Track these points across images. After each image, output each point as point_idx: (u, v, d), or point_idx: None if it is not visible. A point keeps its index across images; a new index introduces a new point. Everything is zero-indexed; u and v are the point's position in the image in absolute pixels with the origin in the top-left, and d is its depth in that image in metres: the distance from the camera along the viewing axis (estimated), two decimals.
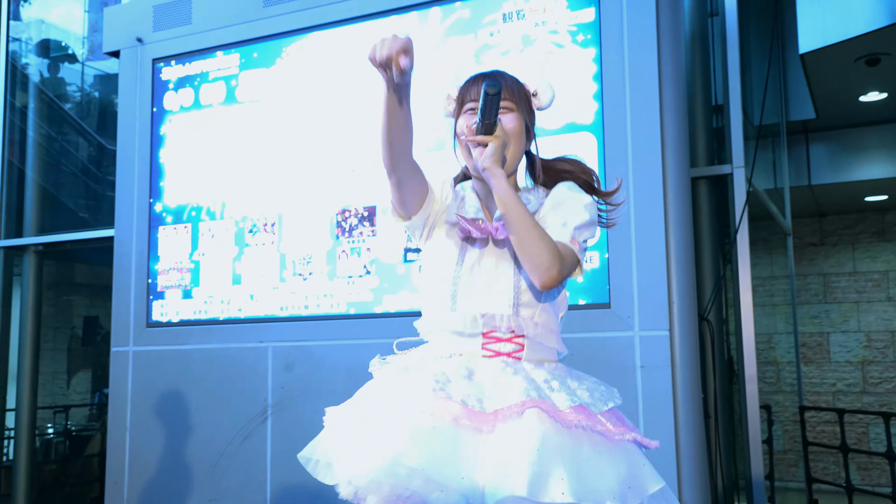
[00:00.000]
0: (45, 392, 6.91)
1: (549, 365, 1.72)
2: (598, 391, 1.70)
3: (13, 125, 6.18)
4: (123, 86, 5.08)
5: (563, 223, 1.68)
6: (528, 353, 1.69)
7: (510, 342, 1.67)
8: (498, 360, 1.66)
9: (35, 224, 6.15)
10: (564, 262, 1.63)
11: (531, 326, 1.68)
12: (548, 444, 1.49)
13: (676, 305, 3.73)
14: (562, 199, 1.73)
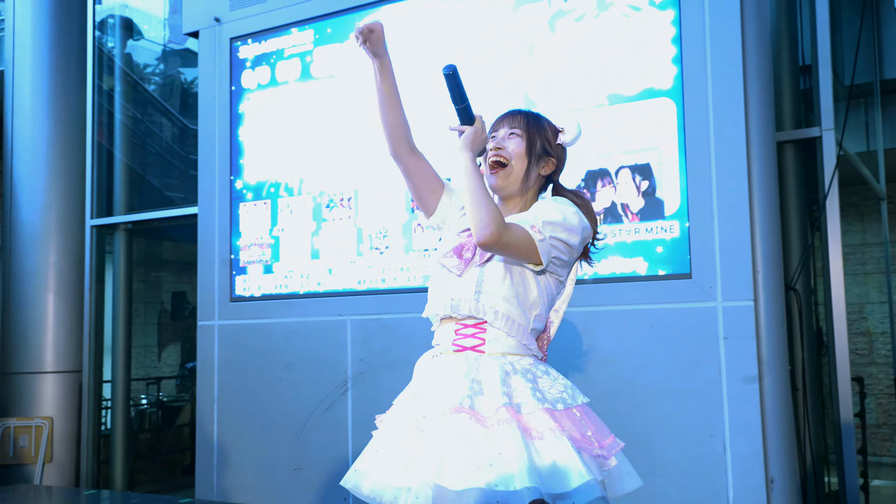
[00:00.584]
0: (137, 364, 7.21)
1: (510, 358, 1.84)
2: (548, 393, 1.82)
3: (101, 108, 6.40)
4: (203, 65, 5.19)
5: (534, 215, 1.86)
6: (491, 346, 1.84)
7: (474, 337, 1.85)
8: (462, 356, 1.84)
9: (124, 203, 6.38)
10: (507, 231, 1.77)
11: (491, 314, 1.83)
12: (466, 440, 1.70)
13: (762, 275, 3.61)
14: (548, 204, 1.93)
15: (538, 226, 1.82)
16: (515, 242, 1.79)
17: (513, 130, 1.98)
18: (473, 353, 1.84)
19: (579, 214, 1.91)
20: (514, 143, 1.96)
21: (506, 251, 1.80)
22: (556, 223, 1.84)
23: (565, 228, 1.85)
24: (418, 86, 4.41)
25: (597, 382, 3.86)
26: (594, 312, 3.90)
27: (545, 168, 2.00)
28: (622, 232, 3.85)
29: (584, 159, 3.96)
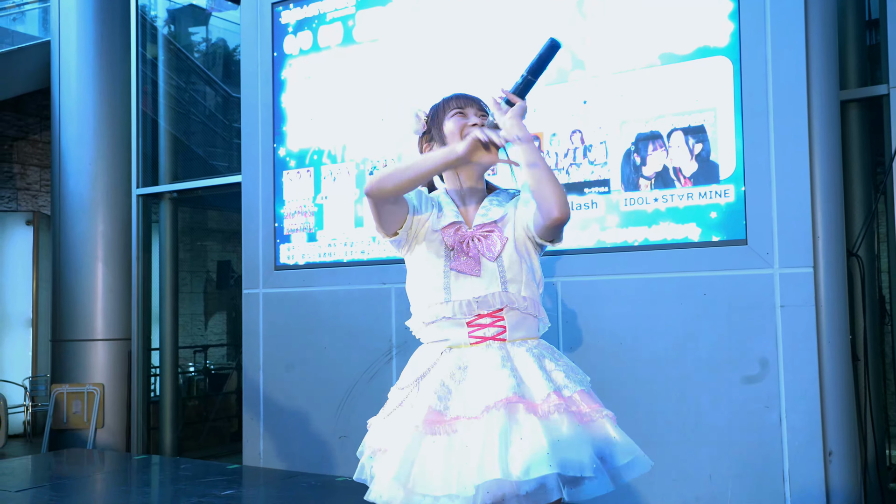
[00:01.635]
0: (184, 333, 7.29)
1: (531, 343, 1.89)
2: (572, 374, 1.87)
3: (145, 77, 6.41)
4: (245, 31, 5.14)
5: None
6: (511, 333, 1.86)
7: (493, 326, 1.86)
8: (483, 346, 1.85)
9: (169, 172, 6.41)
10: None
11: (520, 300, 1.87)
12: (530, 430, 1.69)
13: (822, 240, 3.46)
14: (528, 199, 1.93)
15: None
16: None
17: (480, 113, 2.00)
18: (496, 342, 1.86)
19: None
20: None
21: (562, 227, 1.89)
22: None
23: None
24: (458, 50, 4.30)
25: (647, 352, 3.77)
26: (645, 280, 3.79)
27: None
28: (674, 197, 3.72)
29: (634, 122, 3.83)
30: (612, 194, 3.87)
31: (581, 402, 1.80)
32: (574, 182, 3.97)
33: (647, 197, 3.79)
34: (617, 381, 3.82)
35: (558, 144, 4.03)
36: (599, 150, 3.92)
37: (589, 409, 1.79)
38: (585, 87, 3.97)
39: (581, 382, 1.86)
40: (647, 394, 3.75)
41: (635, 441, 1.87)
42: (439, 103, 2.07)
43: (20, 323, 8.05)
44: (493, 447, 1.66)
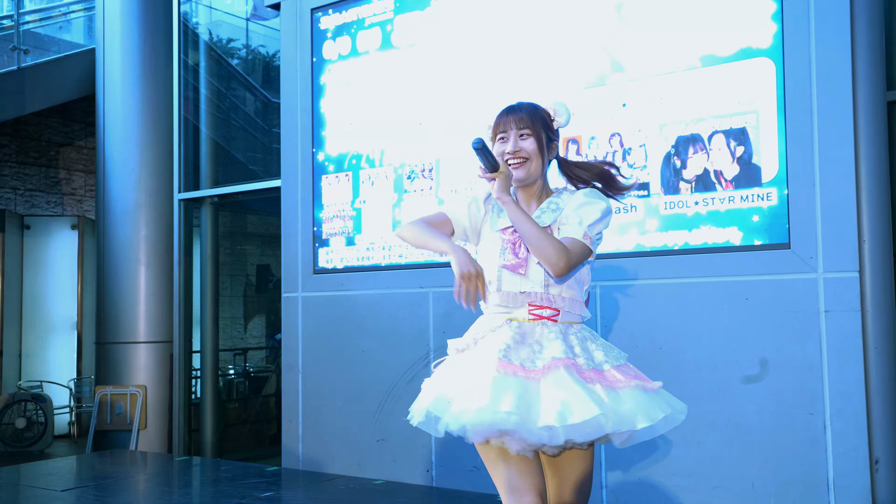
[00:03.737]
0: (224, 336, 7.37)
1: (575, 327, 2.18)
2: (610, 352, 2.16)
3: (187, 83, 6.51)
4: (285, 37, 5.20)
5: (579, 221, 2.14)
6: (562, 316, 2.17)
7: (549, 308, 2.16)
8: (540, 323, 2.15)
9: (210, 177, 6.50)
10: (572, 256, 2.08)
11: (560, 300, 2.16)
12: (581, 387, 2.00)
13: (868, 244, 3.40)
14: (580, 203, 2.19)
15: (588, 232, 2.12)
16: (578, 258, 2.10)
17: (522, 132, 2.22)
18: (550, 322, 2.15)
19: (606, 199, 2.22)
20: (528, 143, 2.21)
21: (574, 268, 2.12)
22: (598, 222, 2.15)
23: (604, 220, 2.17)
24: (497, 55, 4.30)
25: (687, 357, 3.72)
26: (685, 284, 3.75)
27: (551, 153, 2.28)
28: (715, 200, 3.68)
29: (674, 125, 3.79)
30: (652, 198, 3.84)
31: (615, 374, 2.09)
32: None
33: (688, 200, 3.75)
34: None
35: (597, 148, 4.00)
36: (639, 153, 3.89)
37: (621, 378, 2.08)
38: (624, 90, 3.94)
39: (617, 358, 2.15)
40: (688, 399, 3.69)
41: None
42: (496, 118, 2.32)
43: (66, 326, 8.22)
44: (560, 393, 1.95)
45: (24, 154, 8.67)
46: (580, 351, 2.10)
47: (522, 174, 2.21)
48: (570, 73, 4.10)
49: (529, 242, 2.09)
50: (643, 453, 3.81)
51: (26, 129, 8.60)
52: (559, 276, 2.08)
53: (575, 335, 2.15)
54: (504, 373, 2.00)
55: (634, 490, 3.83)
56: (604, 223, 2.19)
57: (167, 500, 4.51)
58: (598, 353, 2.13)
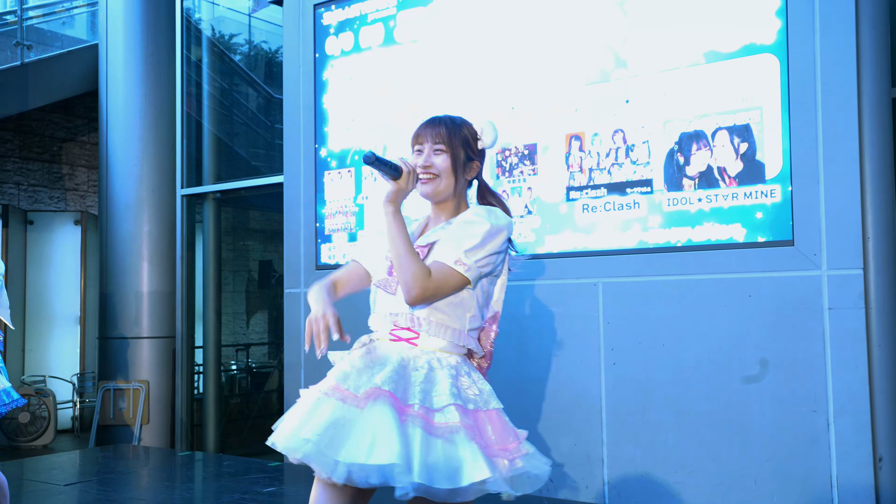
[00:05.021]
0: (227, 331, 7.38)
1: (439, 355, 1.98)
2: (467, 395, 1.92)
3: (189, 79, 6.51)
4: (287, 33, 5.19)
5: (456, 245, 1.96)
6: (423, 340, 1.98)
7: (409, 330, 2.00)
8: (398, 344, 1.99)
9: (212, 173, 6.50)
10: (431, 283, 1.92)
11: (425, 324, 1.97)
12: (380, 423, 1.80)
13: (872, 241, 3.39)
14: (462, 222, 2.03)
15: (461, 258, 1.94)
16: (442, 286, 1.94)
17: (437, 147, 2.09)
18: (407, 345, 1.99)
19: (496, 218, 2.02)
20: (441, 159, 2.08)
21: (437, 297, 1.95)
22: (476, 247, 1.96)
23: (487, 244, 1.97)
24: (499, 51, 4.29)
25: (690, 354, 3.72)
26: (688, 281, 3.74)
27: (470, 173, 2.14)
28: (718, 197, 3.67)
29: (678, 122, 3.78)
30: (655, 194, 3.83)
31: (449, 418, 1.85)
32: (616, 182, 3.93)
33: (691, 197, 3.74)
34: (659, 382, 3.78)
35: (600, 144, 3.99)
36: (642, 150, 3.88)
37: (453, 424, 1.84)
38: (627, 87, 3.93)
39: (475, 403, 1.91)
40: (690, 396, 3.71)
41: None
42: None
43: (68, 320, 8.23)
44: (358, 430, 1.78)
45: (27, 150, 8.67)
46: (418, 383, 1.88)
47: (429, 190, 2.06)
48: (573, 70, 4.09)
49: (394, 259, 1.97)
50: (644, 450, 3.81)
51: (29, 124, 8.60)
52: (411, 303, 1.93)
53: (427, 365, 1.94)
54: (328, 394, 1.87)
55: (636, 487, 3.83)
56: (488, 248, 1.97)
57: (170, 495, 4.51)
58: (442, 393, 1.88)
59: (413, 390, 1.87)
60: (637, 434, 3.84)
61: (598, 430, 3.93)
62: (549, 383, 4.11)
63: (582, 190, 4.03)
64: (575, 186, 4.05)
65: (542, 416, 4.07)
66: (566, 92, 4.10)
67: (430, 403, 1.86)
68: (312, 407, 1.86)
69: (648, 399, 3.82)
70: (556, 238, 4.10)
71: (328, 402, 1.85)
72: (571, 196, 4.06)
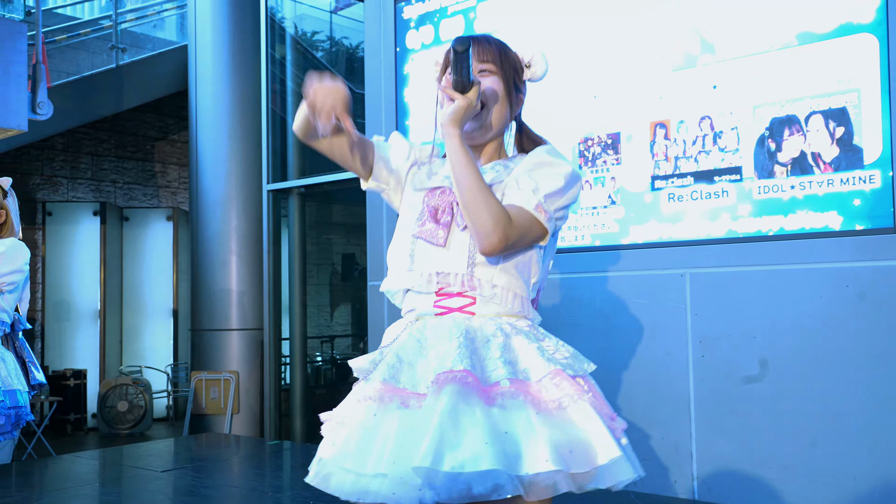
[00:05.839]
0: (312, 324, 7.54)
1: (504, 319, 1.57)
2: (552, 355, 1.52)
3: (274, 76, 6.66)
4: (368, 28, 5.24)
5: (534, 188, 1.58)
6: (481, 307, 1.57)
7: (461, 296, 1.58)
8: (449, 318, 1.57)
9: (297, 168, 6.64)
10: (513, 230, 1.53)
11: (487, 288, 1.57)
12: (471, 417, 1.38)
13: None
14: (540, 163, 1.63)
15: (542, 204, 1.56)
16: (522, 236, 1.55)
17: (484, 66, 1.69)
18: (462, 315, 1.56)
19: (574, 173, 1.65)
20: (491, 82, 1.69)
21: (515, 249, 1.56)
22: (557, 192, 1.59)
23: (566, 191, 1.61)
24: (581, 38, 4.23)
25: (782, 347, 3.60)
26: (780, 271, 3.62)
27: (517, 107, 1.78)
28: (812, 184, 3.53)
29: (768, 107, 3.65)
30: (745, 182, 3.72)
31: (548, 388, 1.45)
32: (703, 170, 3.83)
33: (783, 184, 3.61)
34: (749, 373, 3.67)
35: (686, 132, 3.90)
36: (730, 137, 3.77)
37: (558, 395, 1.44)
38: (715, 72, 3.82)
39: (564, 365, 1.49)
40: (782, 390, 3.59)
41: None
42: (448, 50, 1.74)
43: (162, 313, 8.56)
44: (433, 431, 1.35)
45: (122, 149, 9.04)
46: (497, 357, 1.47)
47: (474, 123, 1.67)
48: (658, 56, 4.00)
49: (463, 197, 1.54)
50: (735, 445, 3.71)
51: (123, 124, 8.96)
52: (489, 252, 1.52)
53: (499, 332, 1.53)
54: (382, 401, 1.47)
55: (727, 482, 3.73)
56: (568, 196, 1.61)
57: (261, 483, 4.64)
58: (533, 361, 1.48)
59: (494, 366, 1.46)
60: (727, 428, 3.74)
61: (687, 424, 3.85)
62: (635, 376, 4.04)
63: (667, 179, 3.94)
64: (660, 175, 3.97)
65: (628, 409, 4.01)
66: (650, 79, 4.02)
67: (525, 376, 1.45)
68: (363, 428, 1.46)
69: (739, 392, 3.71)
70: (640, 228, 4.02)
71: (386, 413, 1.45)
72: (657, 185, 3.98)
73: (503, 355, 1.47)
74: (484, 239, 1.51)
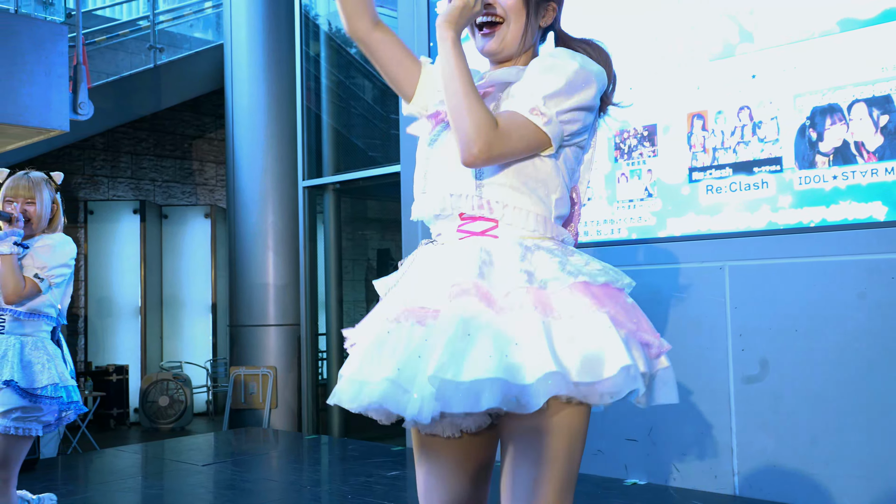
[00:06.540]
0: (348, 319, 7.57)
1: (531, 239, 1.45)
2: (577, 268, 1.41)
3: (308, 73, 6.69)
4: (402, 23, 5.24)
5: (531, 91, 1.44)
6: (504, 230, 1.46)
7: (483, 220, 1.47)
8: (470, 240, 1.47)
9: (332, 164, 6.67)
10: (498, 137, 1.39)
11: (498, 208, 1.45)
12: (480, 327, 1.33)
13: None
14: (544, 66, 1.48)
15: (538, 106, 1.42)
16: (514, 141, 1.41)
17: None
18: (484, 238, 1.46)
19: (584, 60, 1.50)
20: None
21: (505, 157, 1.42)
22: (559, 92, 1.43)
23: (573, 91, 1.45)
24: (620, 29, 4.18)
25: (826, 339, 3.53)
26: (823, 263, 3.55)
27: (545, 18, 1.63)
28: (856, 174, 3.46)
29: (809, 95, 3.58)
30: (785, 173, 3.65)
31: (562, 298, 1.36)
32: (742, 161, 3.77)
33: (825, 174, 3.54)
34: (791, 367, 3.61)
35: (724, 122, 3.84)
36: (770, 127, 3.70)
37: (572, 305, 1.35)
38: (753, 61, 3.75)
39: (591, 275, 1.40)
40: (825, 382, 3.52)
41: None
42: None
43: (201, 309, 8.66)
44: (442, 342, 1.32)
45: (160, 147, 9.16)
46: (515, 270, 1.38)
47: (494, 45, 1.56)
48: (695, 45, 3.94)
49: (448, 103, 1.44)
50: (775, 439, 3.65)
51: (162, 123, 9.08)
52: (471, 163, 1.40)
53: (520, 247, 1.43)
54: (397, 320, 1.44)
55: (768, 478, 3.68)
56: (578, 98, 1.45)
57: (299, 477, 4.68)
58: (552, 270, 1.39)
59: (509, 275, 1.38)
60: (768, 423, 3.68)
61: (727, 418, 3.79)
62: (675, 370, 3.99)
63: (705, 170, 3.89)
64: (698, 167, 3.91)
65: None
66: (687, 69, 3.96)
67: (541, 283, 1.37)
68: (377, 341, 1.44)
69: (780, 386, 3.65)
70: (678, 221, 3.97)
71: (400, 329, 1.41)
72: (694, 177, 3.92)
73: (520, 266, 1.40)
74: (464, 148, 1.39)
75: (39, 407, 2.59)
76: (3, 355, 2.60)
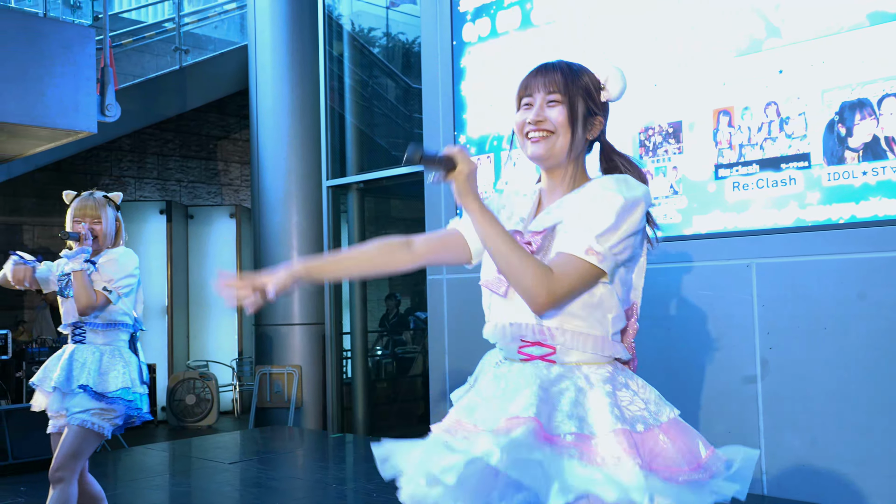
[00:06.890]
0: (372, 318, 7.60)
1: (585, 370, 1.58)
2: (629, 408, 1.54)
3: (332, 73, 6.72)
4: (425, 22, 5.25)
5: (584, 228, 1.54)
6: (562, 356, 1.58)
7: (541, 345, 1.59)
8: (533, 365, 1.60)
9: (355, 164, 6.69)
10: (558, 283, 1.50)
11: (559, 335, 1.57)
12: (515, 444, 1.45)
13: None
14: (593, 197, 1.59)
15: (592, 246, 1.52)
16: (575, 284, 1.52)
17: (551, 97, 1.67)
18: (543, 363, 1.59)
19: (630, 188, 1.58)
20: (556, 112, 1.66)
21: (570, 298, 1.54)
22: (610, 228, 1.53)
23: (623, 224, 1.55)
24: (640, 27, 4.15)
25: (856, 337, 3.48)
26: (851, 260, 3.50)
27: (591, 131, 1.72)
28: (886, 170, 3.40)
29: (838, 90, 3.53)
30: (813, 169, 3.60)
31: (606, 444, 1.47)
32: (769, 157, 3.73)
33: (854, 170, 3.49)
34: (819, 365, 3.57)
35: (751, 118, 3.80)
36: (798, 123, 3.66)
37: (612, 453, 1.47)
38: (781, 56, 3.71)
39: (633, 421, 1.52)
40: (854, 381, 3.47)
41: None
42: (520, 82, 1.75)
43: (227, 308, 8.73)
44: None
45: (186, 148, 9.25)
46: (566, 409, 1.50)
47: (542, 150, 1.65)
48: (721, 41, 3.90)
49: (497, 264, 1.56)
50: (804, 438, 3.61)
51: (187, 124, 9.17)
52: (539, 312, 1.52)
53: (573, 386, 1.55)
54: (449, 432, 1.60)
55: (797, 478, 3.63)
56: (625, 228, 1.54)
57: (324, 475, 4.70)
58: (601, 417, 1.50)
59: (561, 417, 1.50)
60: (797, 422, 3.64)
61: (755, 417, 3.76)
62: (701, 369, 3.96)
63: (732, 167, 3.85)
64: (724, 164, 3.88)
65: (694, 402, 3.94)
66: (713, 65, 3.92)
67: (589, 431, 1.49)
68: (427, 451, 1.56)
69: (808, 385, 3.61)
70: (704, 218, 3.94)
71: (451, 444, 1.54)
72: (720, 174, 3.89)
73: (572, 410, 1.50)
74: (530, 301, 1.51)
75: (113, 409, 2.81)
76: (83, 363, 2.82)
